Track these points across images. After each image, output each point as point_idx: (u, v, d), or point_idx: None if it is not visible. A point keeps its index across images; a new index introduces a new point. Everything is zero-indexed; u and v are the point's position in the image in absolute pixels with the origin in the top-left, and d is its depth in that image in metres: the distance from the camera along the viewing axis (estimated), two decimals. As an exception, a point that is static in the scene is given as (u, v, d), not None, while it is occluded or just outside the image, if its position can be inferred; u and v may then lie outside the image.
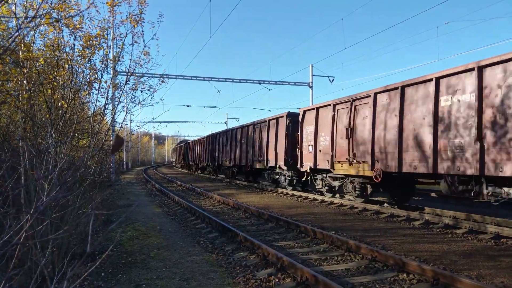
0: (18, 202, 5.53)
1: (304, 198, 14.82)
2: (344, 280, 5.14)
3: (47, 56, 7.80)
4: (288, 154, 16.94)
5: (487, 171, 8.11)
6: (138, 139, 61.62)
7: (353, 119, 12.46)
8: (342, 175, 13.19)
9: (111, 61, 8.87)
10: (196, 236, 8.25)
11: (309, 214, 10.87)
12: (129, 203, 14.09)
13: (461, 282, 4.64)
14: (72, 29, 7.59)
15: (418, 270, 5.24)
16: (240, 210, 11.81)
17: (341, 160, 12.90)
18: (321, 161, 14.12)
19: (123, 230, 8.59)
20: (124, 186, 21.31)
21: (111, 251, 6.68)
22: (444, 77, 9.29)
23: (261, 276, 5.36)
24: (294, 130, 16.83)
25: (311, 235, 7.86)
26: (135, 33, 8.19)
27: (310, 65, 28.03)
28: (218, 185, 22.31)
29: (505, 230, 7.79)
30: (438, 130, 9.36)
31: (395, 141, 10.60)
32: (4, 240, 2.50)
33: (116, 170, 24.07)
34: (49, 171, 4.91)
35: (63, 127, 7.17)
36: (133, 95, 9.00)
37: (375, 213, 10.86)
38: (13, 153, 5.78)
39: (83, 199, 6.37)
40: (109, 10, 8.07)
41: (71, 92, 7.70)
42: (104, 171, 11.03)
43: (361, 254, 6.34)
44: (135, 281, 5.22)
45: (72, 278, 3.70)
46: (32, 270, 3.64)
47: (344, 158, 12.74)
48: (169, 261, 6.16)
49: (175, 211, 12.06)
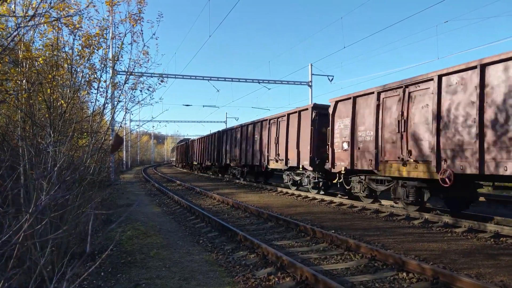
0: (18, 202, 5.52)
1: (304, 197, 14.82)
2: (343, 279, 5.14)
3: (46, 56, 7.78)
4: (314, 153, 14.61)
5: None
6: (138, 138, 61.62)
7: (407, 109, 10.21)
8: (389, 178, 10.99)
9: (110, 61, 8.86)
10: (196, 235, 8.25)
11: (308, 213, 10.88)
12: (128, 202, 14.08)
13: (461, 281, 4.64)
14: (71, 29, 7.57)
15: (418, 269, 5.24)
16: (239, 210, 11.80)
17: (390, 160, 10.70)
18: (360, 161, 11.82)
19: (123, 230, 8.59)
20: (123, 186, 21.31)
21: (111, 250, 6.67)
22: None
23: (260, 275, 5.36)
24: (322, 124, 14.58)
25: (310, 234, 7.87)
26: (134, 32, 8.19)
27: (310, 64, 28.04)
28: (218, 185, 22.31)
29: (504, 229, 7.79)
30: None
31: (474, 135, 8.27)
32: (3, 240, 2.50)
33: (115, 169, 24.07)
34: (49, 171, 4.91)
35: (63, 126, 7.16)
36: (133, 95, 9.00)
37: (375, 212, 10.87)
38: (12, 152, 5.78)
39: (82, 199, 6.36)
40: (108, 9, 8.06)
41: (71, 91, 7.69)
42: (103, 170, 11.03)
43: (360, 253, 6.34)
44: (135, 280, 5.21)
45: (71, 278, 3.70)
46: (31, 270, 3.64)
47: (394, 157, 10.55)
48: (169, 261, 6.16)
49: (175, 211, 12.06)
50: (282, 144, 17.25)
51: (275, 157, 17.81)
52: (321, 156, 14.34)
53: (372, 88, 11.50)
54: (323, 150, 14.09)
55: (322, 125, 14.57)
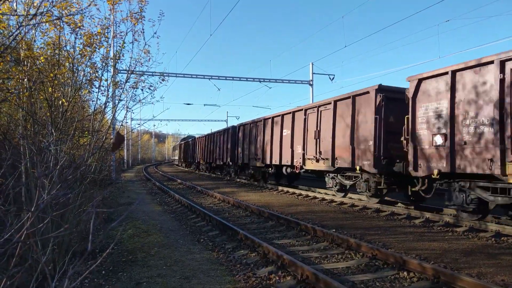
0: (19, 200, 5.54)
1: (305, 196, 14.81)
2: (344, 278, 5.15)
3: (47, 54, 7.80)
4: (380, 150, 11.05)
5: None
6: (139, 137, 61.73)
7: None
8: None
9: (112, 59, 8.87)
10: (197, 234, 8.26)
11: (309, 212, 10.88)
12: (129, 201, 14.10)
13: (462, 280, 4.64)
14: (73, 27, 7.59)
15: (419, 268, 5.24)
16: (240, 208, 11.81)
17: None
18: (468, 162, 8.28)
19: (124, 228, 8.61)
20: (124, 184, 21.36)
21: (112, 249, 6.69)
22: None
23: (261, 274, 5.37)
24: (390, 112, 11.18)
25: (311, 233, 7.87)
26: (135, 31, 8.20)
27: (310, 63, 27.98)
28: (219, 183, 22.32)
29: (506, 228, 7.78)
30: None
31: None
32: (5, 238, 2.50)
33: (116, 168, 24.14)
34: (50, 169, 4.92)
35: (64, 125, 7.18)
36: (134, 93, 9.03)
37: (376, 211, 10.86)
38: (14, 151, 5.79)
39: (83, 197, 6.38)
40: (109, 8, 8.08)
41: (72, 90, 7.71)
42: (104, 169, 11.06)
43: (361, 252, 6.34)
44: (136, 279, 5.22)
45: (73, 276, 3.71)
46: (33, 268, 3.65)
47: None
48: (170, 259, 6.17)
49: (176, 209, 12.07)
50: (325, 139, 13.62)
51: (315, 155, 14.16)
52: (388, 154, 10.99)
53: (488, 56, 8.00)
54: (391, 146, 11.02)
55: (390, 113, 11.20)
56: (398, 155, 10.66)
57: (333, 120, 13.11)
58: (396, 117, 10.98)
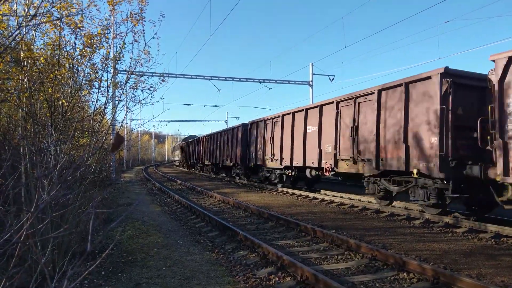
0: (19, 201, 5.53)
1: (305, 197, 14.81)
2: (344, 279, 5.15)
3: (47, 55, 7.80)
4: (448, 149, 8.85)
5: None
6: (138, 137, 61.66)
7: None
8: None
9: (112, 60, 8.87)
10: (196, 235, 8.26)
11: (309, 213, 10.87)
12: (129, 201, 14.10)
13: (462, 281, 4.64)
14: (73, 28, 7.59)
15: (418, 269, 5.24)
16: (240, 209, 11.81)
17: None
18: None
19: (124, 229, 8.60)
20: (124, 185, 21.34)
21: (111, 250, 6.68)
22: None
23: (261, 275, 5.37)
24: (459, 101, 9.04)
25: (311, 234, 7.87)
26: (135, 32, 8.18)
27: (310, 64, 28.00)
28: (218, 184, 22.31)
29: (505, 229, 7.78)
30: None
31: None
32: (5, 239, 2.50)
33: (116, 168, 24.12)
34: (50, 170, 4.92)
35: (64, 126, 7.18)
36: (134, 94, 9.00)
37: (375, 212, 10.86)
38: (13, 151, 5.79)
39: (83, 198, 6.38)
40: (109, 9, 8.08)
41: (72, 91, 7.72)
42: (104, 169, 11.06)
43: (361, 253, 6.34)
44: (136, 280, 5.22)
45: (72, 276, 3.71)
46: (32, 269, 3.64)
47: None
48: (170, 260, 6.17)
49: (175, 210, 12.07)
50: (365, 136, 11.59)
51: (352, 155, 12.04)
52: (458, 154, 8.93)
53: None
54: (461, 144, 8.99)
55: (460, 103, 9.08)
56: (469, 156, 8.80)
57: (377, 113, 10.99)
58: (465, 109, 9.07)
